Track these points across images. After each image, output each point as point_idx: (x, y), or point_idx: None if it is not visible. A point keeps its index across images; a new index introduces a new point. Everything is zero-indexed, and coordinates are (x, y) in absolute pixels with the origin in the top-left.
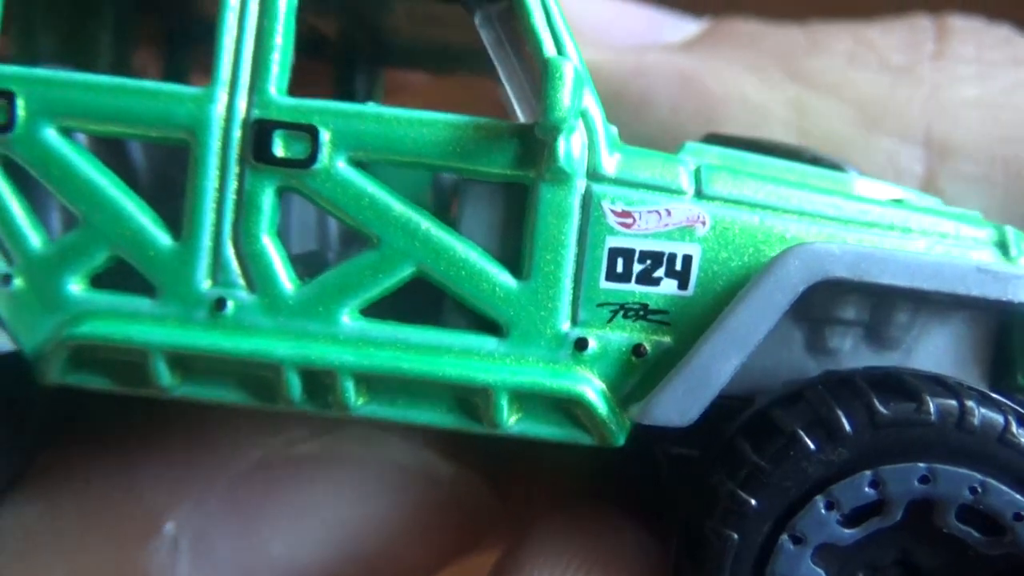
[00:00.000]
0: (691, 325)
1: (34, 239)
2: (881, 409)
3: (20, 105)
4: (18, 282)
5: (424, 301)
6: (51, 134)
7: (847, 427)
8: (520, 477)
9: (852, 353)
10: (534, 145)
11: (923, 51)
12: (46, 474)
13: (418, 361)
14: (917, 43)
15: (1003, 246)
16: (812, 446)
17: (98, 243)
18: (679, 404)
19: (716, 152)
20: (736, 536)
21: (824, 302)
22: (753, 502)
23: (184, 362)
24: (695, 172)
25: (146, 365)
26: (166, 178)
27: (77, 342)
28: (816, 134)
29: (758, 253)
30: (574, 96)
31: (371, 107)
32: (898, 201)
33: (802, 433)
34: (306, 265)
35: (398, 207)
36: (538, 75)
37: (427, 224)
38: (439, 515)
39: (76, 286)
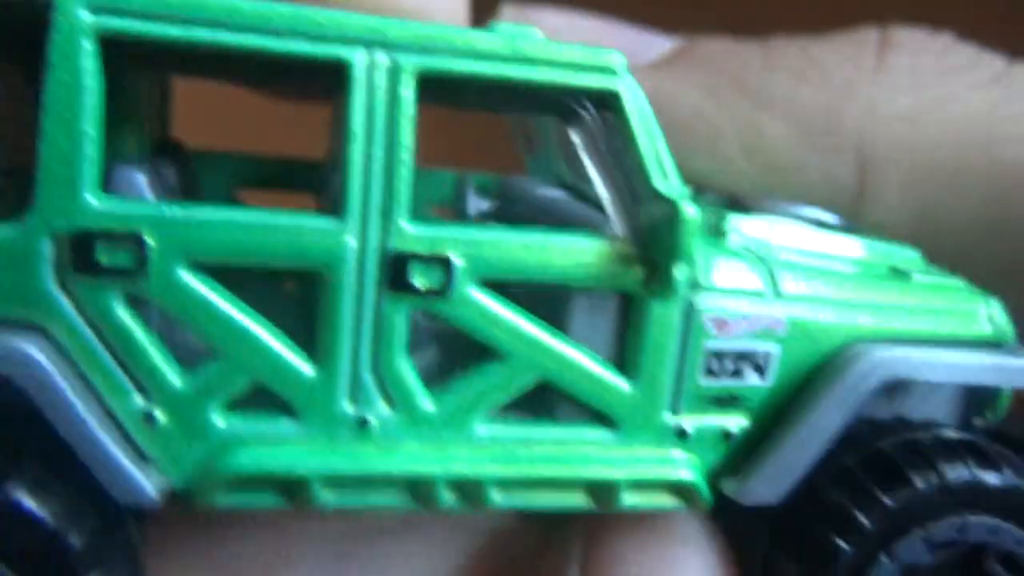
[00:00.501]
0: (767, 409)
1: (172, 374)
2: (981, 474)
3: (150, 247)
4: (160, 418)
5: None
6: (184, 274)
7: (954, 481)
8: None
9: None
10: (648, 265)
11: (864, 65)
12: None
13: (553, 465)
14: (859, 57)
15: (992, 320)
16: (924, 491)
17: (238, 374)
18: (771, 487)
19: (753, 225)
20: (849, 549)
21: None
22: (869, 525)
23: (340, 481)
24: (769, 274)
25: (304, 488)
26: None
27: (234, 474)
28: (763, 152)
29: (825, 344)
30: (697, 236)
31: (500, 233)
32: (903, 273)
33: (919, 482)
34: None
35: (524, 325)
36: (637, 189)
37: (549, 338)
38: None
39: (219, 416)
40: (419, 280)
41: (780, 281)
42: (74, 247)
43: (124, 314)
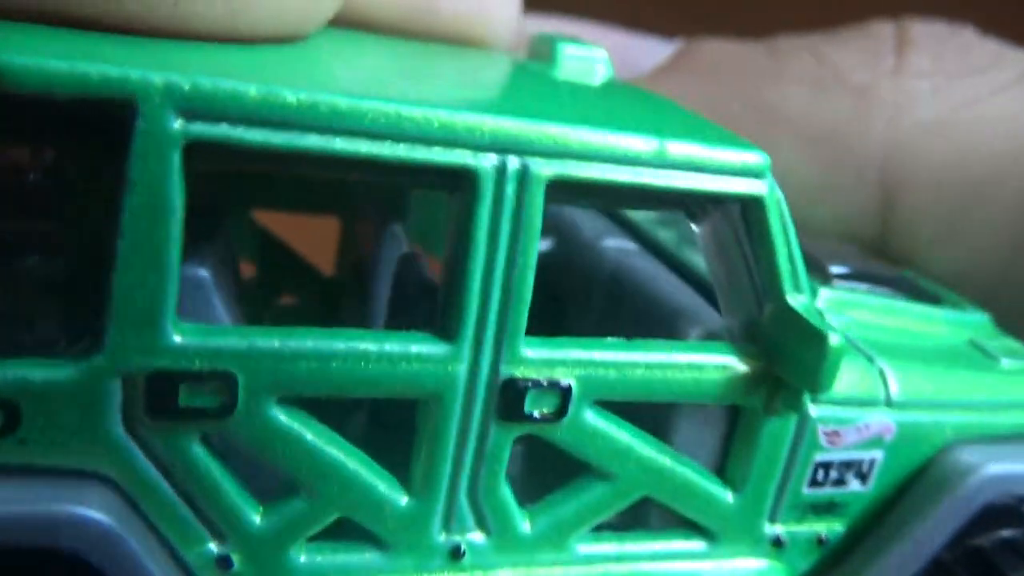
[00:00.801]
0: (864, 514)
1: (252, 514)
2: None
3: (242, 386)
4: (238, 561)
5: None
6: (275, 411)
7: None
8: None
9: None
10: (773, 383)
11: (883, 66)
12: None
13: None
14: (877, 57)
15: None
16: None
17: (327, 510)
18: None
19: (842, 300)
20: None
21: None
22: None
23: None
24: (880, 376)
25: None
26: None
27: None
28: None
29: (925, 446)
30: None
31: (621, 351)
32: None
33: None
34: None
35: (637, 446)
36: (764, 296)
37: (658, 454)
38: None
39: (300, 552)
40: (533, 408)
41: (890, 383)
42: (151, 390)
43: (200, 454)
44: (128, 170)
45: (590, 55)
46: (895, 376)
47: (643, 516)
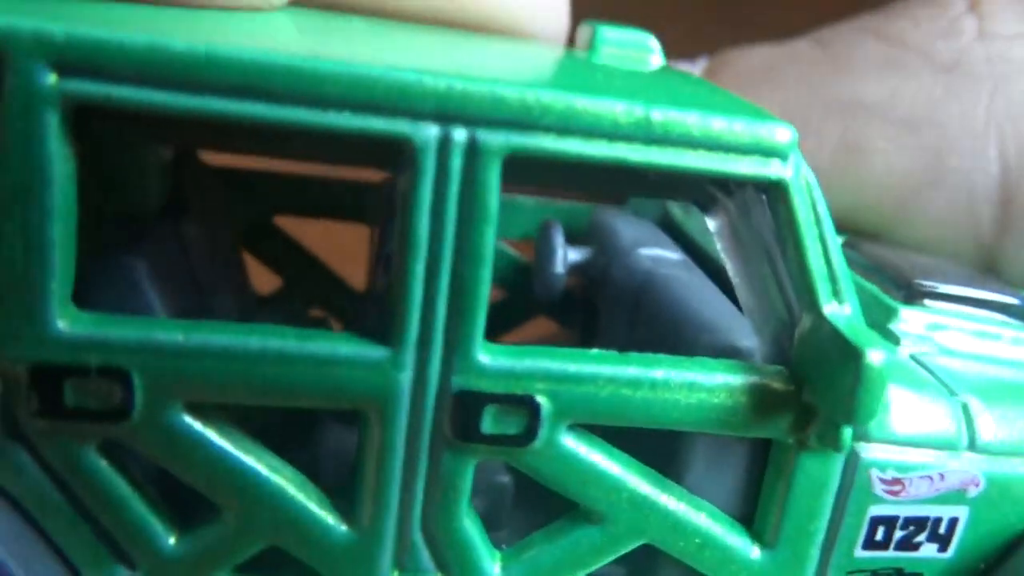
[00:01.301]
0: None
1: (165, 536)
2: None
3: (138, 386)
4: None
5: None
6: (182, 417)
7: None
8: None
9: None
10: (801, 411)
11: (965, 33)
12: None
13: None
14: (954, 24)
15: None
16: None
17: (252, 537)
18: None
19: (931, 323)
20: None
21: None
22: None
23: None
24: (964, 413)
25: None
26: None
27: None
28: (877, 178)
29: None
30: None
31: (603, 366)
32: None
33: None
34: None
35: (630, 480)
36: (794, 303)
37: (661, 495)
38: None
39: None
40: (492, 428)
41: (977, 424)
42: (34, 385)
43: (98, 465)
44: (1, 133)
45: (636, 40)
46: (986, 415)
47: (657, 569)
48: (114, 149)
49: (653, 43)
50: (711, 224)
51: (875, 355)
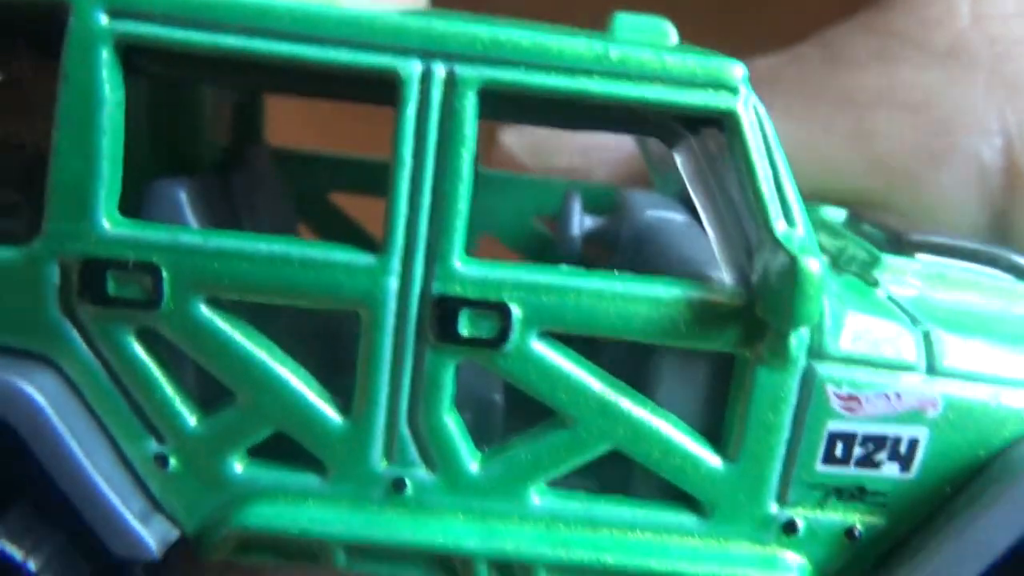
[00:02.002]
0: (910, 507)
1: (188, 417)
2: None
3: (166, 279)
4: (174, 463)
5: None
6: (203, 309)
7: None
8: None
9: None
10: (755, 323)
11: (960, 18)
12: None
13: (620, 553)
14: (948, 12)
15: None
16: None
17: (260, 421)
18: None
19: (916, 271)
20: None
21: None
22: None
23: (364, 548)
24: (924, 340)
25: (323, 551)
26: (325, 328)
27: (248, 532)
28: (888, 159)
29: (992, 434)
30: (821, 299)
31: (571, 278)
32: None
33: None
34: None
35: (597, 386)
36: (752, 232)
37: (627, 403)
38: None
39: (238, 464)
40: (469, 329)
41: (940, 349)
42: (83, 275)
43: (137, 349)
44: (64, 67)
45: (652, 24)
46: (947, 342)
47: (629, 485)
48: (170, 94)
49: (669, 28)
50: (678, 160)
51: (810, 262)
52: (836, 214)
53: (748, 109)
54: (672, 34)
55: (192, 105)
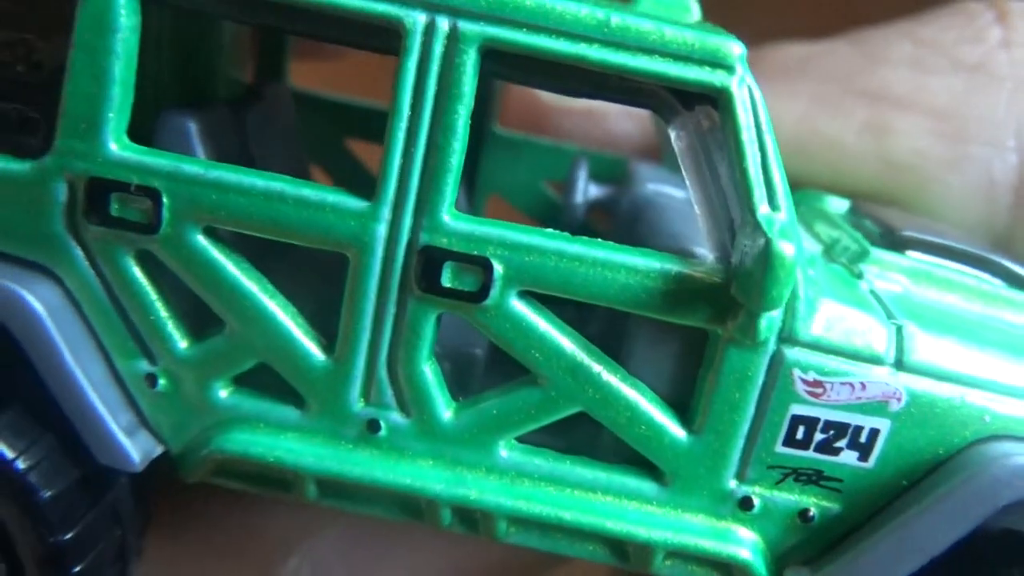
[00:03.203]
0: (864, 496)
1: (179, 340)
2: None
3: (166, 205)
4: (163, 383)
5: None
6: (198, 238)
7: None
8: None
9: None
10: (729, 302)
11: (990, 41)
12: (172, 511)
13: (578, 511)
14: (980, 33)
15: None
16: None
17: (246, 351)
18: None
19: (904, 267)
20: None
21: None
22: None
23: (334, 482)
24: (896, 334)
25: (296, 482)
26: (319, 266)
27: (226, 456)
28: (899, 158)
29: (953, 434)
30: (793, 283)
31: (553, 241)
32: None
33: None
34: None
35: (570, 348)
36: (736, 212)
37: (599, 367)
38: None
39: (223, 390)
40: (451, 282)
41: (910, 345)
42: (88, 194)
43: (135, 270)
44: None
45: (676, 1)
46: (919, 339)
47: (596, 450)
48: (193, 29)
49: (693, 4)
50: (671, 135)
51: (785, 246)
52: (839, 205)
53: (743, 89)
54: (695, 11)
55: (214, 40)
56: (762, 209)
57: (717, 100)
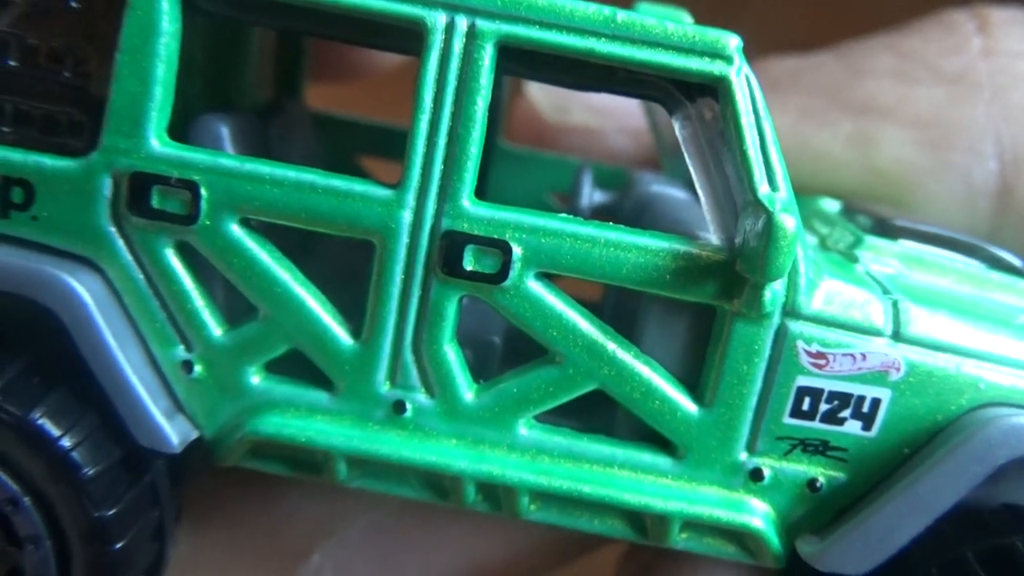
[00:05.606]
0: (869, 465)
1: (214, 327)
2: None
3: (204, 197)
4: (198, 369)
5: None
6: (234, 228)
7: None
8: None
9: None
10: (734, 278)
11: (971, 51)
12: (196, 509)
13: (597, 485)
14: (962, 43)
15: None
16: None
17: (278, 337)
18: (856, 557)
19: (896, 252)
20: None
21: None
22: None
23: (364, 462)
24: (893, 308)
25: (326, 462)
26: (348, 255)
27: (259, 438)
28: (884, 166)
29: (950, 401)
30: (794, 254)
31: (568, 224)
32: None
33: None
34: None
35: (585, 327)
36: (738, 195)
37: (613, 345)
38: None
39: (256, 376)
40: (472, 264)
41: (906, 318)
42: (131, 188)
43: (173, 260)
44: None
45: (671, 14)
46: (914, 312)
47: (612, 427)
48: (224, 41)
49: (687, 16)
50: (676, 125)
51: (786, 218)
52: (831, 205)
53: (740, 77)
54: (688, 20)
55: (243, 51)
56: (762, 189)
57: (717, 89)
